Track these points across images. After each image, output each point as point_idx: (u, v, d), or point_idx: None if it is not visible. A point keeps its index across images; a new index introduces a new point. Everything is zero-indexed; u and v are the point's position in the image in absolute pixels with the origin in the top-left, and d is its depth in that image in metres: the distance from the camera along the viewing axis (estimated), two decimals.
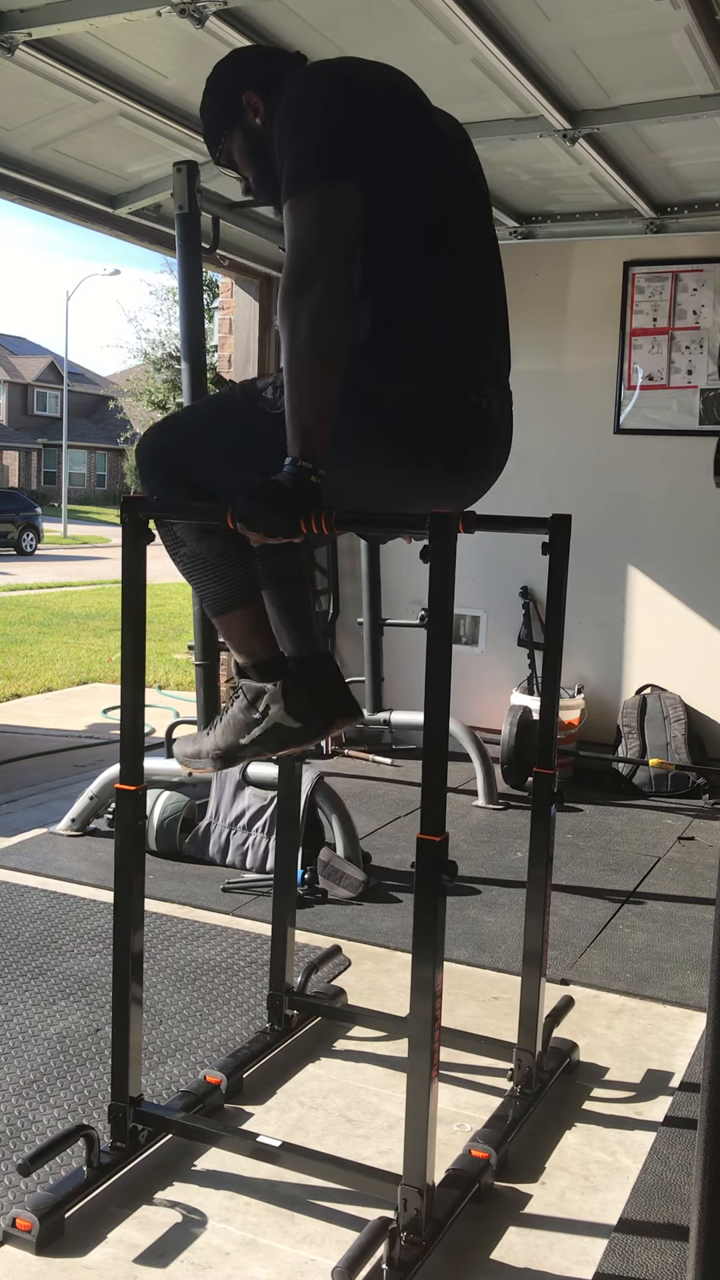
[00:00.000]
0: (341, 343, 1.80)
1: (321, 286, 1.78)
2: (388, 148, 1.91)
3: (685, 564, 5.12)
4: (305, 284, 1.78)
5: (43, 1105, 2.26)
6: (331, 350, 1.79)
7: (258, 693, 2.16)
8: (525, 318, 5.39)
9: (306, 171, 1.84)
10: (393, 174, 1.91)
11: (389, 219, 1.90)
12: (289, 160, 1.87)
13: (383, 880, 3.64)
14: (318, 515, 1.78)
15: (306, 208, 1.82)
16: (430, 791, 1.75)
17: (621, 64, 3.27)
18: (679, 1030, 2.72)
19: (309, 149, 1.87)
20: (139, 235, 4.70)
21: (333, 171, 1.84)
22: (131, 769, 2.02)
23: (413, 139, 1.97)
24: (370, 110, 1.92)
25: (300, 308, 1.78)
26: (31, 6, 2.93)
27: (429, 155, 1.99)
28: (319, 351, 1.78)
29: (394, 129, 1.94)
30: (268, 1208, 1.98)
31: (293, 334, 1.79)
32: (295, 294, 1.79)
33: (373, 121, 1.91)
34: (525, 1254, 1.89)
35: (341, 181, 1.83)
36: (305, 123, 1.90)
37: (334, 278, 1.79)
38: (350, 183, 1.84)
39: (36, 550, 24.50)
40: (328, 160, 1.85)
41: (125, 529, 1.96)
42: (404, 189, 1.93)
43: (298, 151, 1.87)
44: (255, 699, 2.16)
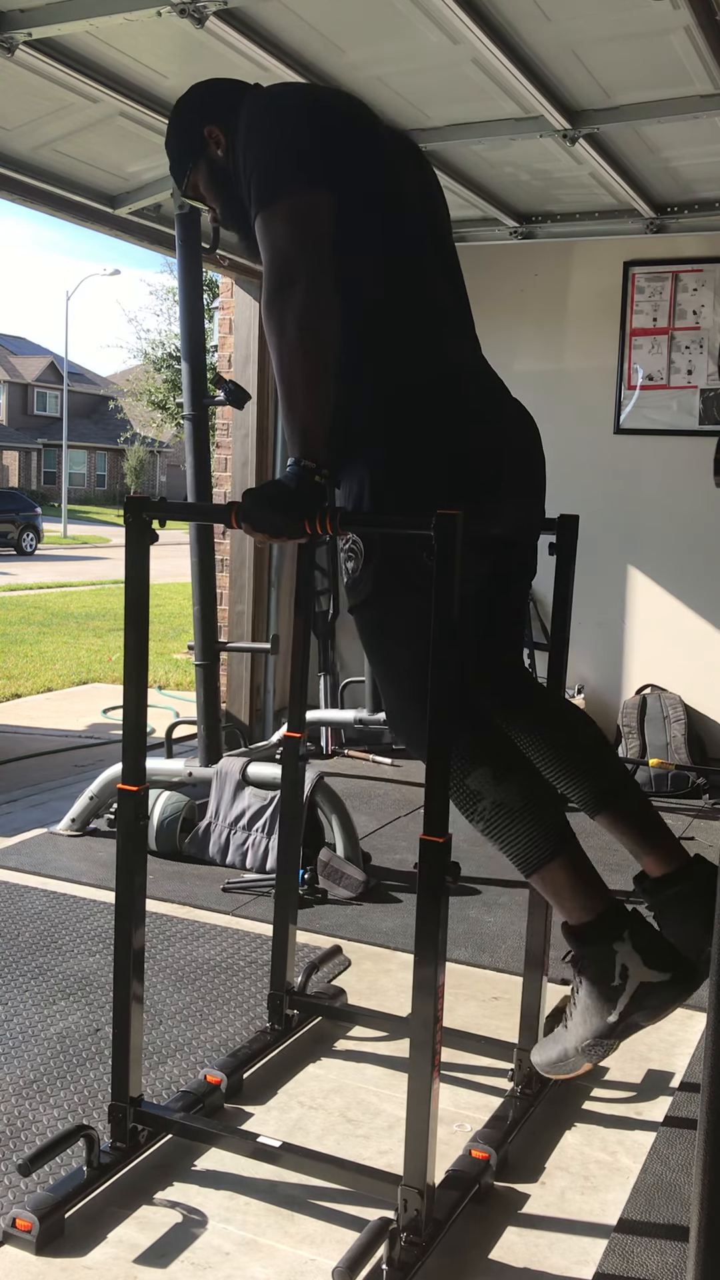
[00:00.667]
0: (329, 339, 1.82)
1: (304, 286, 1.79)
2: (347, 161, 1.93)
3: (685, 564, 5.12)
4: (287, 285, 1.79)
5: (43, 1105, 2.26)
6: (320, 348, 1.80)
7: (607, 956, 1.83)
8: (525, 318, 5.41)
9: (280, 179, 1.86)
10: (356, 187, 1.93)
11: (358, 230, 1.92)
12: (259, 171, 1.88)
13: (383, 880, 3.64)
14: (321, 516, 1.78)
15: (282, 214, 1.83)
16: (433, 792, 1.74)
17: (621, 64, 3.27)
18: (679, 1030, 2.72)
19: (280, 159, 1.89)
20: (139, 235, 4.70)
21: (306, 179, 1.85)
22: (133, 769, 2.02)
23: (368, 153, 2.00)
24: (330, 125, 1.96)
25: (285, 310, 1.79)
26: (31, 6, 2.93)
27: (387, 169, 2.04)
28: (308, 351, 1.79)
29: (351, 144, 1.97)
30: (268, 1208, 1.98)
31: (280, 336, 1.79)
32: (279, 297, 1.79)
33: (332, 136, 1.94)
34: (525, 1254, 1.89)
35: (314, 189, 1.85)
36: (272, 136, 1.91)
37: (315, 277, 1.80)
38: (323, 191, 1.85)
39: (36, 550, 24.50)
40: (300, 167, 1.87)
41: (129, 529, 1.95)
42: (368, 201, 1.96)
43: (268, 161, 1.88)
44: (608, 966, 1.83)
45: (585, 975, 1.86)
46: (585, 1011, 1.86)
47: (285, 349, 1.79)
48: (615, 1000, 1.81)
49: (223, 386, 3.81)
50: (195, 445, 3.93)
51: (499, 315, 5.30)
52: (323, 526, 1.79)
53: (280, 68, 3.22)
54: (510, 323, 5.35)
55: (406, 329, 2.00)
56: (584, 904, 1.86)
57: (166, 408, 31.30)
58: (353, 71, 3.40)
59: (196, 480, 3.94)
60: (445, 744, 1.74)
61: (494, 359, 2.18)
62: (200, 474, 3.94)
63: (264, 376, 5.33)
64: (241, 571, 5.48)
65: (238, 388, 3.79)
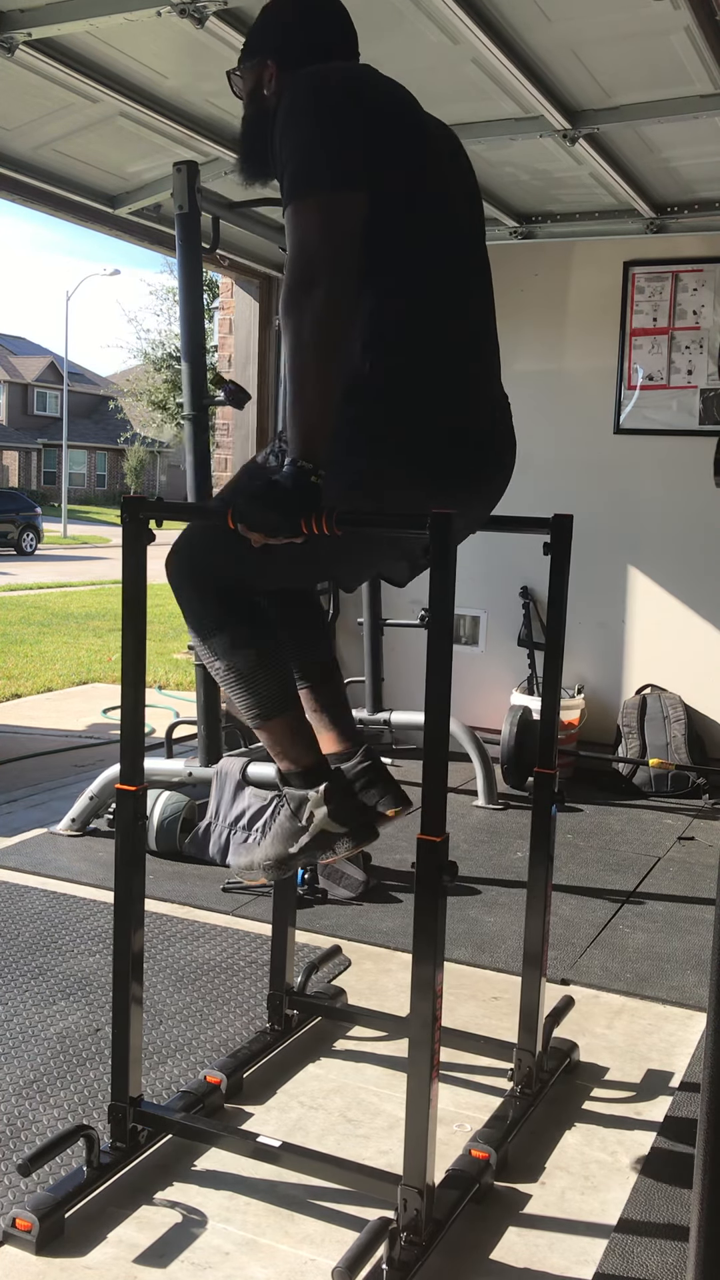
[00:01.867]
0: (342, 344, 1.81)
1: (325, 289, 1.78)
2: (390, 158, 1.91)
3: (685, 564, 5.12)
4: (309, 286, 1.79)
5: (43, 1105, 2.26)
6: (334, 352, 1.80)
7: (300, 800, 2.12)
8: (525, 318, 5.40)
9: (313, 175, 1.84)
10: (394, 184, 1.91)
11: (390, 230, 1.91)
12: (293, 161, 1.87)
13: (383, 880, 3.64)
14: (318, 515, 1.78)
15: (312, 211, 1.82)
16: (430, 792, 1.75)
17: (621, 64, 3.27)
18: (679, 1030, 2.72)
19: (316, 152, 1.86)
20: (139, 235, 4.70)
21: (340, 177, 1.84)
22: (132, 769, 2.02)
23: (412, 152, 1.98)
24: (374, 120, 1.93)
25: (305, 309, 1.78)
26: (31, 6, 2.93)
27: (426, 168, 2.01)
28: (322, 353, 1.79)
29: (395, 139, 1.95)
30: (268, 1208, 1.98)
31: (296, 335, 1.79)
32: (299, 295, 1.79)
33: (375, 130, 1.91)
34: (525, 1254, 1.89)
35: (347, 189, 1.84)
36: (312, 125, 1.89)
37: (336, 280, 1.80)
38: (356, 191, 1.84)
39: (36, 550, 24.50)
40: (335, 164, 1.85)
41: (126, 529, 1.96)
42: (405, 200, 1.94)
43: (304, 154, 1.87)
44: (299, 806, 2.12)
45: (281, 809, 2.16)
46: (274, 838, 2.17)
47: (301, 349, 1.80)
48: (299, 837, 2.13)
49: (223, 386, 3.81)
50: (195, 445, 3.93)
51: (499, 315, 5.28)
52: (319, 526, 1.79)
53: None
54: (510, 323, 5.30)
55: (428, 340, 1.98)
56: (295, 756, 2.13)
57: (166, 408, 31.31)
58: None
59: (196, 480, 3.94)
60: (444, 743, 1.75)
61: None
62: (200, 474, 3.94)
63: (264, 376, 5.33)
64: None
65: (238, 388, 3.79)
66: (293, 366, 1.81)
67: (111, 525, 35.50)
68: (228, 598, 2.07)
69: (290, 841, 2.14)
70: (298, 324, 1.79)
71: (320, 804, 2.11)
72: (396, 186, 1.92)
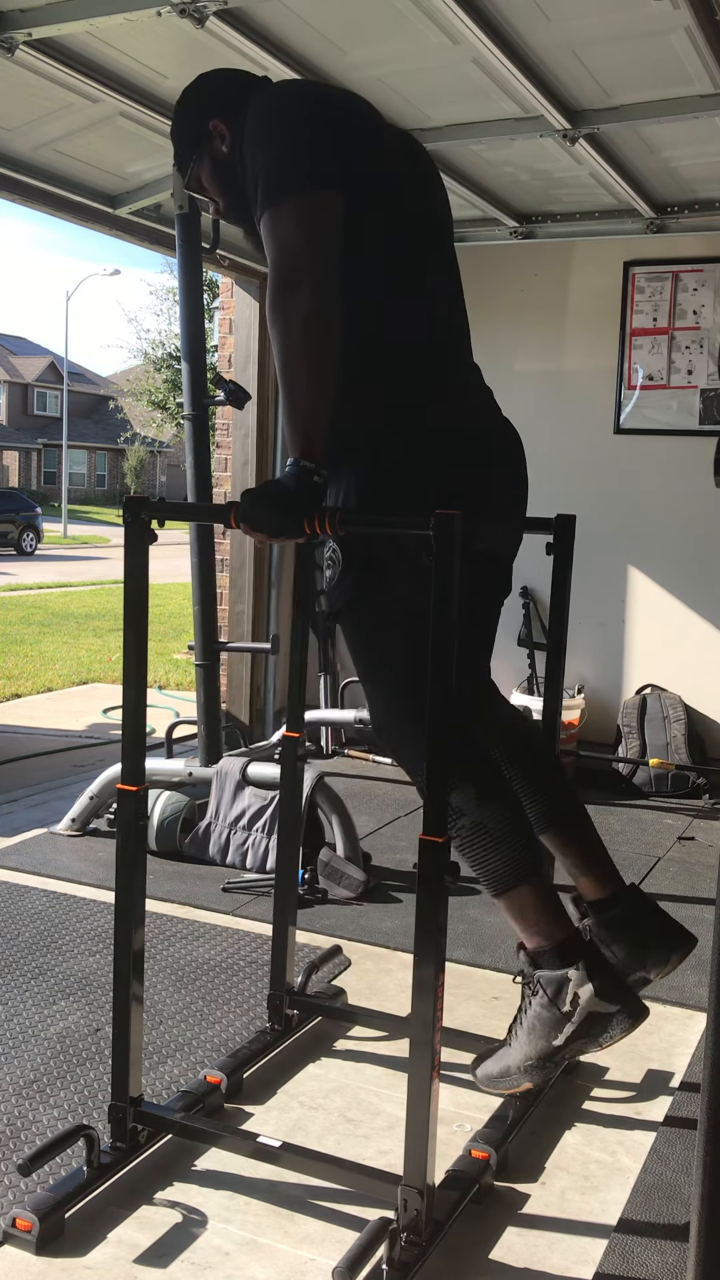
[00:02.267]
0: (332, 341, 1.81)
1: (310, 287, 1.78)
2: (354, 161, 1.93)
3: (685, 564, 5.12)
4: (293, 285, 1.79)
5: (43, 1105, 2.26)
6: (323, 349, 1.80)
7: (559, 982, 1.90)
8: (525, 318, 5.41)
9: (288, 179, 1.85)
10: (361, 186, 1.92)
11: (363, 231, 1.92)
12: (266, 170, 1.87)
13: (383, 880, 3.64)
14: (320, 515, 1.78)
15: (290, 213, 1.82)
16: (433, 792, 1.74)
17: (621, 64, 3.27)
18: (679, 1030, 2.72)
19: (287, 157, 1.88)
20: (139, 235, 4.70)
21: (315, 178, 1.85)
22: (133, 769, 2.02)
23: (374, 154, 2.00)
24: (337, 125, 1.95)
25: (291, 309, 1.78)
26: (31, 6, 2.93)
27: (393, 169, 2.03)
28: (312, 351, 1.79)
29: (359, 143, 1.97)
30: (268, 1208, 1.98)
31: (285, 336, 1.79)
32: (284, 296, 1.79)
33: (340, 136, 1.93)
34: (525, 1254, 1.89)
35: (323, 189, 1.85)
36: (280, 134, 1.91)
37: (322, 277, 1.80)
38: (332, 191, 1.85)
39: (36, 550, 24.50)
40: (308, 167, 1.86)
41: (128, 529, 1.95)
42: (374, 201, 1.95)
43: (276, 160, 1.87)
44: (558, 991, 1.90)
45: (536, 998, 1.92)
46: (531, 1033, 1.93)
47: (288, 349, 1.79)
48: (563, 1026, 1.88)
49: (223, 386, 3.81)
50: (195, 445, 3.93)
51: (499, 315, 5.31)
52: (322, 526, 1.79)
53: (280, 68, 3.22)
54: (510, 323, 5.35)
55: (405, 338, 1.99)
56: (546, 930, 1.93)
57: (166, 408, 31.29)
58: (353, 71, 3.40)
59: (196, 480, 3.94)
60: (444, 742, 1.74)
61: (494, 359, 2.18)
62: (200, 474, 3.94)
63: (264, 376, 5.33)
64: (241, 571, 5.48)
65: (238, 388, 3.78)
66: (283, 368, 1.81)
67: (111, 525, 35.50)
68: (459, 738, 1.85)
69: (554, 1033, 1.90)
70: (285, 325, 1.79)
71: (583, 982, 1.88)
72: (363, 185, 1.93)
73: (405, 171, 2.10)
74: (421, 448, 1.95)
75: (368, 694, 2.07)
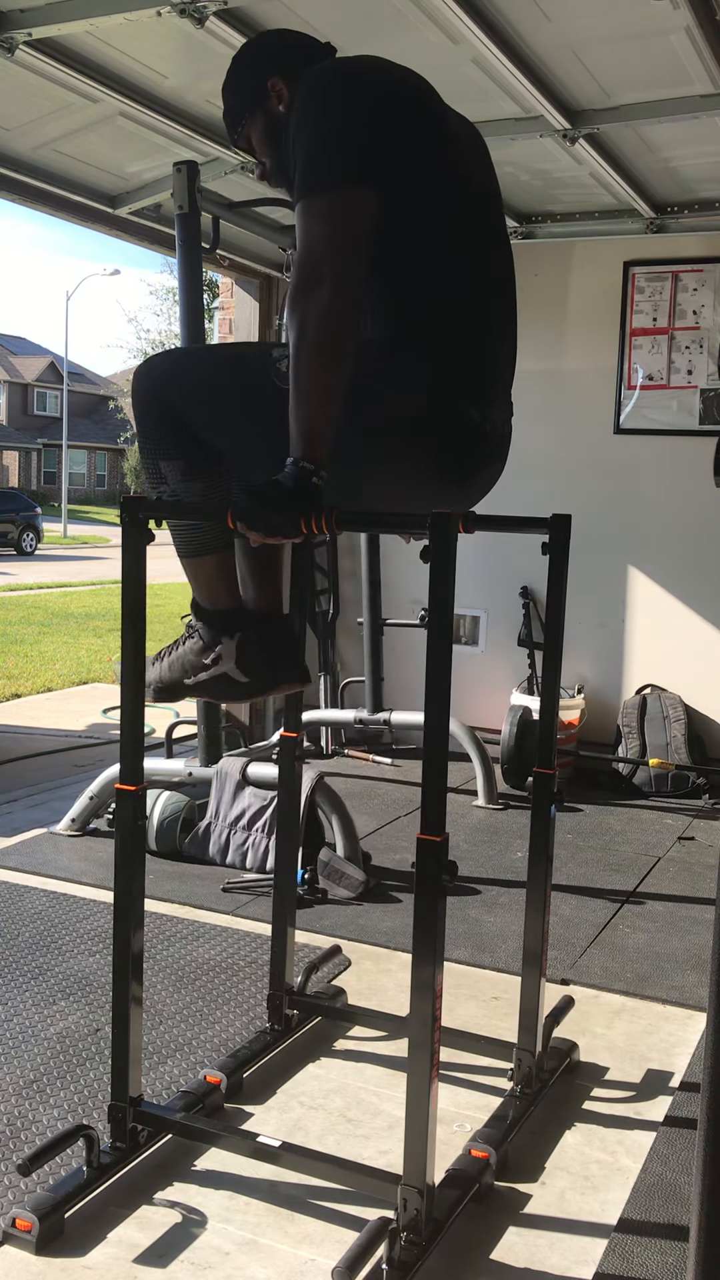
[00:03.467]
0: (348, 345, 1.79)
1: (330, 287, 1.76)
2: (403, 152, 1.89)
3: (685, 564, 5.12)
4: (314, 284, 1.77)
5: (43, 1105, 2.26)
6: (338, 352, 1.78)
7: (214, 640, 2.19)
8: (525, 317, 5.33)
9: (321, 173, 1.83)
10: (408, 180, 1.89)
11: (403, 225, 1.89)
12: (303, 160, 1.85)
13: (383, 880, 3.64)
14: (318, 516, 1.78)
15: (319, 209, 1.80)
16: (430, 791, 1.75)
17: (621, 64, 3.27)
18: (679, 1030, 2.72)
19: (324, 150, 1.85)
20: (139, 235, 4.70)
21: (348, 175, 1.82)
22: (131, 769, 2.02)
23: (429, 144, 1.95)
24: (387, 113, 1.90)
25: (309, 308, 1.77)
26: (31, 6, 2.93)
27: (444, 161, 1.98)
28: (325, 352, 1.77)
29: (410, 133, 1.92)
30: (268, 1208, 1.98)
31: (300, 334, 1.78)
32: (304, 294, 1.78)
33: (389, 124, 1.89)
34: (525, 1254, 1.89)
35: (356, 185, 1.82)
36: (321, 122, 1.87)
37: (344, 279, 1.78)
38: (364, 187, 1.82)
39: (36, 550, 24.50)
40: (343, 162, 1.83)
41: (125, 529, 1.95)
42: (419, 195, 1.91)
43: (312, 151, 1.85)
44: (210, 644, 2.19)
45: (190, 640, 2.21)
46: (175, 663, 2.22)
47: (303, 348, 1.78)
48: (197, 673, 2.19)
49: None
50: None
51: None
52: (319, 526, 1.79)
53: None
54: None
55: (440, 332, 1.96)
56: (218, 597, 2.18)
57: None
58: None
59: None
60: (444, 743, 1.75)
61: None
62: None
63: None
64: None
65: None
66: (295, 367, 1.79)
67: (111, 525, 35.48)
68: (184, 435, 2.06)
69: (190, 674, 2.20)
70: (302, 322, 1.77)
71: (231, 652, 2.17)
72: (409, 178, 1.89)
73: (465, 161, 2.04)
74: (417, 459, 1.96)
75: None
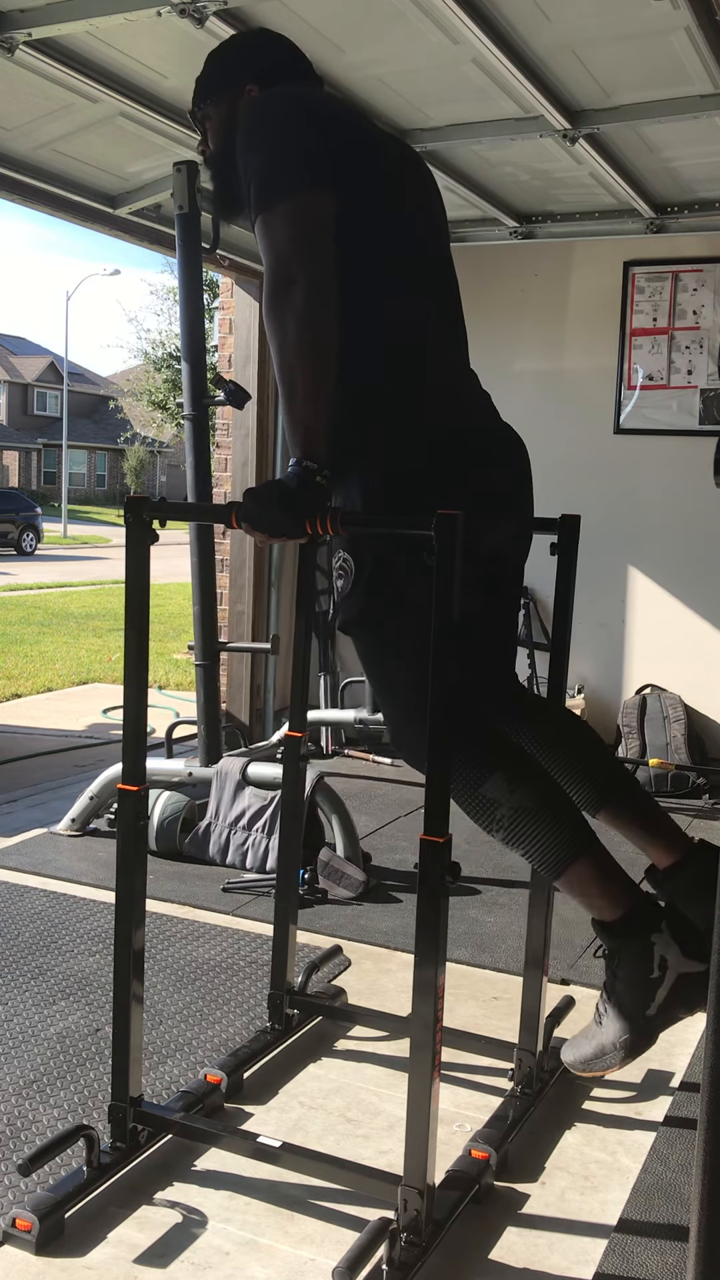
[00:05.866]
0: (329, 339, 1.82)
1: (303, 286, 1.79)
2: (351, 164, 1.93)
3: (685, 564, 5.12)
4: (287, 285, 1.79)
5: (43, 1105, 2.26)
6: (321, 349, 1.80)
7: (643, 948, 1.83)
8: (525, 317, 5.41)
9: (279, 182, 1.85)
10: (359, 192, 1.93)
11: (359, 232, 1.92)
12: (259, 174, 1.88)
13: (383, 880, 3.64)
14: (322, 516, 1.78)
15: (282, 215, 1.83)
16: (433, 792, 1.74)
17: (621, 64, 3.27)
18: (679, 1030, 2.70)
19: (280, 160, 1.88)
20: (139, 235, 4.70)
21: (306, 180, 1.85)
22: (133, 769, 2.02)
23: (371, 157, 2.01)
24: (334, 132, 1.95)
25: (285, 309, 1.79)
26: (31, 6, 2.93)
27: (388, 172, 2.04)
28: (308, 350, 1.79)
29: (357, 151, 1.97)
30: (268, 1208, 1.98)
31: (281, 336, 1.80)
32: (279, 297, 1.80)
33: (337, 143, 1.94)
34: (525, 1254, 1.89)
35: (315, 190, 1.85)
36: (275, 137, 1.91)
37: (315, 276, 1.80)
38: (324, 192, 1.85)
39: (36, 550, 24.50)
40: (301, 169, 1.87)
41: (129, 529, 1.95)
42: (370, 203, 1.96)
43: (266, 167, 1.88)
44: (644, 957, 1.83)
45: (621, 970, 1.84)
46: (622, 1007, 1.84)
47: (286, 350, 1.79)
48: (654, 992, 1.80)
49: (223, 386, 3.81)
50: (195, 445, 3.93)
51: (499, 315, 5.31)
52: (323, 526, 1.79)
53: None
54: (510, 323, 5.35)
55: (404, 339, 1.99)
56: (615, 900, 1.86)
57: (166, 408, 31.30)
58: (353, 71, 3.40)
59: (196, 480, 3.94)
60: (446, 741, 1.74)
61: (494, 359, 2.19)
62: (200, 474, 3.94)
63: (264, 376, 5.33)
64: (241, 571, 5.48)
65: (238, 388, 3.79)
66: (282, 369, 1.81)
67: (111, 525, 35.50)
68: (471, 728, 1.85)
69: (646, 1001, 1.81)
70: (281, 326, 1.79)
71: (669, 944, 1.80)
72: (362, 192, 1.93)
73: (401, 174, 2.10)
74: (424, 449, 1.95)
75: (382, 706, 2.04)
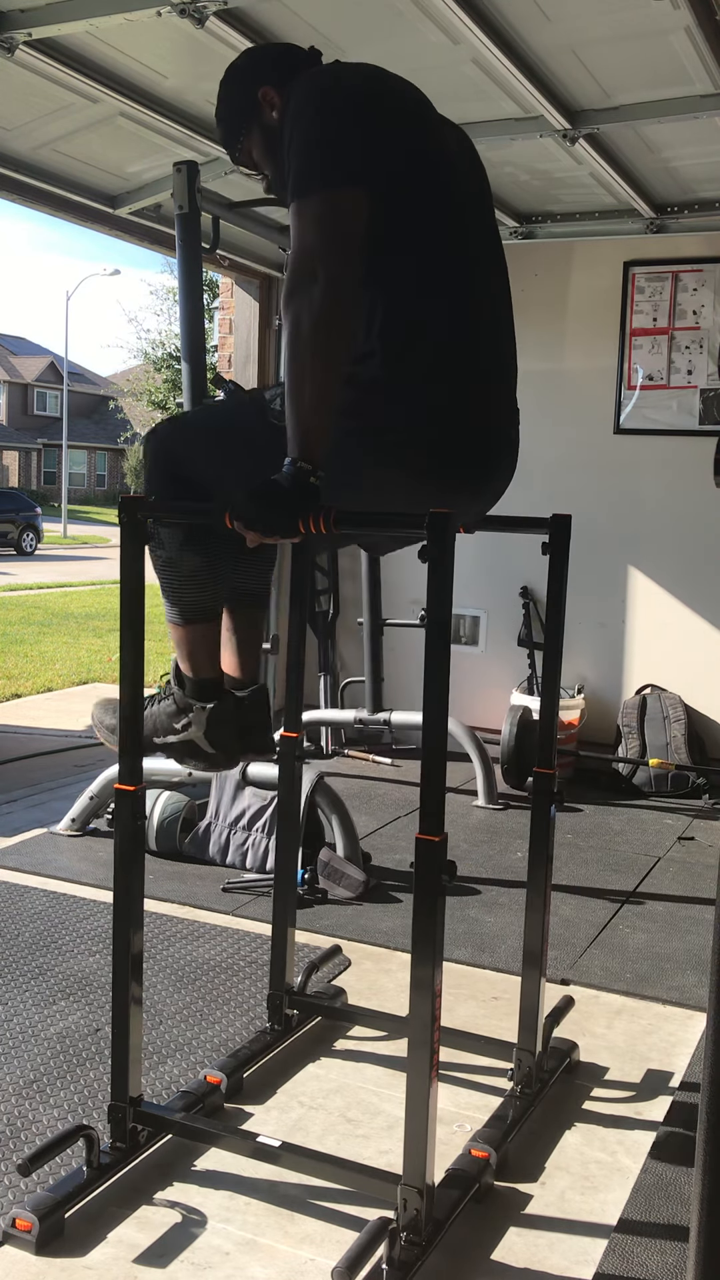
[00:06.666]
0: (343, 342, 1.80)
1: (324, 284, 1.77)
2: (395, 157, 1.90)
3: (685, 564, 5.12)
4: (308, 282, 1.78)
5: (43, 1105, 2.26)
6: (332, 348, 1.79)
7: (187, 706, 2.25)
8: (525, 318, 5.37)
9: (314, 173, 1.84)
10: (400, 183, 1.90)
11: (397, 229, 1.90)
12: (296, 162, 1.87)
13: (383, 880, 3.64)
14: (316, 515, 1.78)
15: (312, 208, 1.81)
16: (430, 791, 1.74)
17: (621, 64, 3.27)
18: (679, 1030, 2.72)
19: (317, 151, 1.86)
20: (139, 235, 4.70)
21: (340, 175, 1.83)
22: (131, 769, 2.02)
23: (421, 149, 1.97)
24: (380, 118, 1.92)
25: (302, 305, 1.77)
26: (31, 6, 2.93)
27: (436, 166, 1.99)
28: (320, 349, 1.78)
29: (403, 138, 1.94)
30: (268, 1208, 1.98)
31: (294, 330, 1.78)
32: (297, 291, 1.78)
33: (382, 129, 1.90)
34: (525, 1254, 1.89)
35: (348, 186, 1.83)
36: (315, 124, 1.89)
37: (337, 276, 1.78)
38: (357, 189, 1.83)
39: (36, 550, 24.51)
40: (335, 162, 1.84)
41: (124, 529, 1.96)
42: (412, 199, 1.93)
43: (306, 153, 1.87)
44: (182, 709, 2.25)
45: (164, 703, 2.28)
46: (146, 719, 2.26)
47: (298, 346, 1.78)
48: (165, 735, 2.26)
49: (222, 386, 3.81)
50: None
51: None
52: (317, 526, 1.79)
53: None
54: None
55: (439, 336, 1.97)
56: (199, 665, 2.25)
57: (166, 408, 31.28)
58: None
59: None
60: (443, 743, 1.75)
61: None
62: None
63: (264, 376, 5.33)
64: None
65: (238, 388, 3.79)
66: (291, 364, 1.80)
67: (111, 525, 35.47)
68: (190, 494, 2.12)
69: (158, 733, 2.27)
70: (296, 321, 1.78)
71: (202, 722, 2.24)
72: (402, 182, 1.91)
73: (455, 164, 2.05)
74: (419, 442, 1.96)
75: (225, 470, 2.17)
